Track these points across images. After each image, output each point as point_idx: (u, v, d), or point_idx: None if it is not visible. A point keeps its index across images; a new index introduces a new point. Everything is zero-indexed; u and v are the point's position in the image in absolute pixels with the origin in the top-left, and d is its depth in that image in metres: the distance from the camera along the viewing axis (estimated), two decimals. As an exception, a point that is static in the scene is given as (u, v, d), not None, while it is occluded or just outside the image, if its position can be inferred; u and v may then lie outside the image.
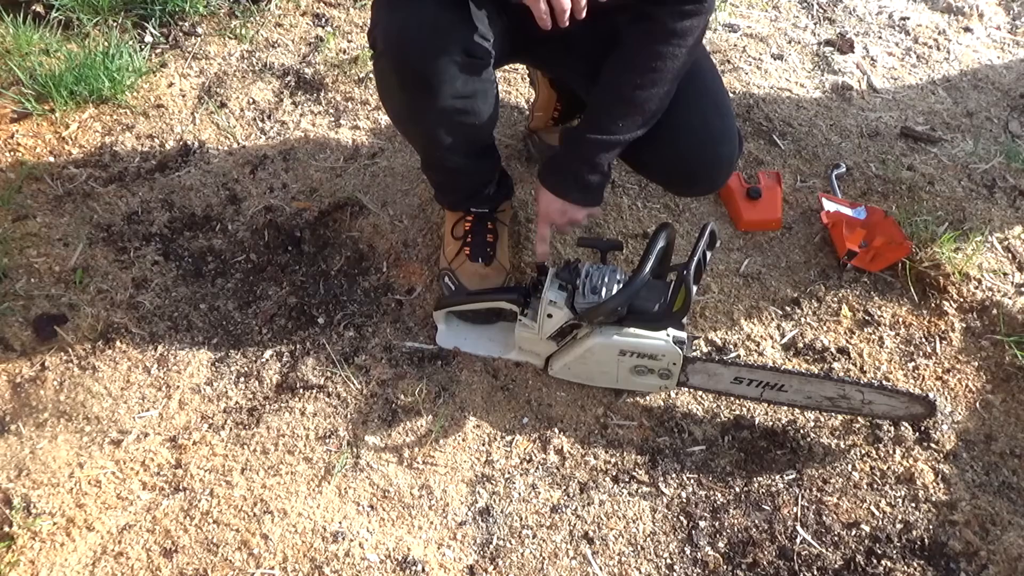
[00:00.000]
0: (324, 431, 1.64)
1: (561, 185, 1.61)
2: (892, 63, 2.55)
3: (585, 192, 1.61)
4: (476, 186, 1.79)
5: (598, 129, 1.54)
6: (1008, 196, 2.14)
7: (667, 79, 1.50)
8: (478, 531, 1.52)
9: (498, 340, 1.76)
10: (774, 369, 1.59)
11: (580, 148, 1.56)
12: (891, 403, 1.57)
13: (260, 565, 1.46)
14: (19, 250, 1.89)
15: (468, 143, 1.64)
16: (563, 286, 1.55)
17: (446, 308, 1.73)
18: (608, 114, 1.54)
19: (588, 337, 1.57)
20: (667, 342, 1.53)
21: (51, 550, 1.46)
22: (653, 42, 1.48)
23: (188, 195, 2.04)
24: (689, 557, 1.50)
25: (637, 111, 1.52)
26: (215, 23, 2.49)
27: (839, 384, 1.57)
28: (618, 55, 1.53)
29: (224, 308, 1.83)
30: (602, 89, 1.55)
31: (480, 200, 1.82)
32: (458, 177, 1.77)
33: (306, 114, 2.26)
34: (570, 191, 1.60)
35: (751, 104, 2.35)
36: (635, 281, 1.46)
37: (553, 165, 1.63)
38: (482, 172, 1.78)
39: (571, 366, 1.64)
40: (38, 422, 1.62)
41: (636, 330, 1.54)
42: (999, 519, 1.55)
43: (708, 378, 1.62)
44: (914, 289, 1.89)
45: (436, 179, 1.83)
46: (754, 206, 2.02)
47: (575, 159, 1.58)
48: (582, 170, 1.57)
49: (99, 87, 2.21)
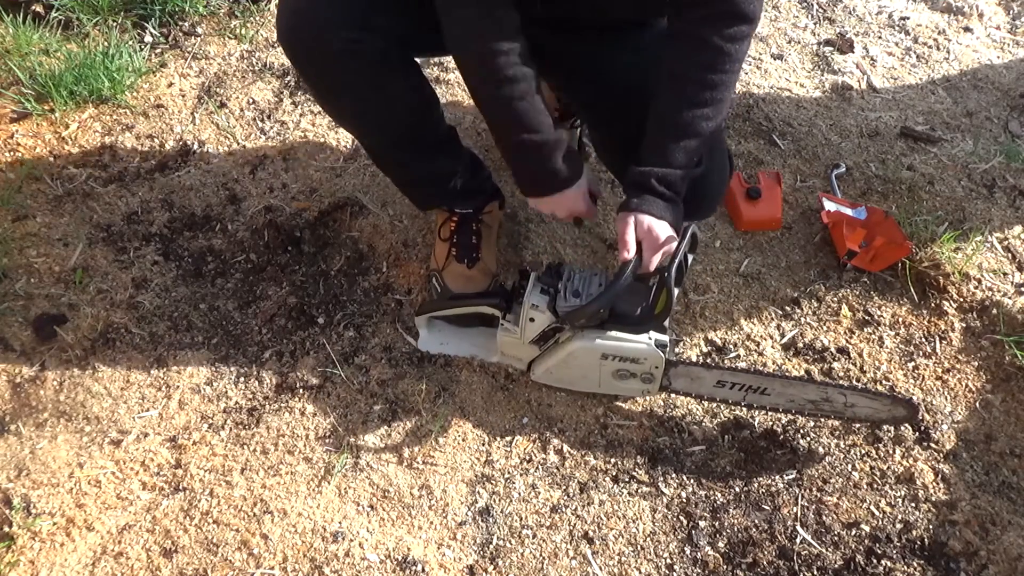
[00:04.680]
0: (324, 431, 1.64)
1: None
2: (892, 63, 2.55)
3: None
4: (434, 182, 1.72)
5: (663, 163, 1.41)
6: (1008, 196, 2.14)
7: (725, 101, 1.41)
8: (478, 531, 1.52)
9: (481, 344, 1.74)
10: (756, 372, 1.59)
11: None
12: (873, 405, 1.57)
13: (260, 565, 1.46)
14: (19, 250, 1.89)
15: (402, 133, 1.58)
16: (545, 290, 1.53)
17: (427, 313, 1.72)
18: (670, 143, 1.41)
19: (570, 341, 1.54)
20: (649, 345, 1.51)
21: (51, 550, 1.46)
22: (705, 68, 1.37)
23: (188, 195, 2.04)
24: (689, 557, 1.50)
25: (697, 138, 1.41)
26: (215, 23, 2.49)
27: (821, 387, 1.57)
28: (667, 84, 1.41)
29: (224, 308, 1.83)
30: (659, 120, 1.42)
31: (448, 197, 1.76)
32: (405, 171, 1.72)
33: (306, 114, 2.25)
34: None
35: (751, 104, 2.35)
36: (616, 284, 1.41)
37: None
38: (435, 167, 1.70)
39: (553, 370, 1.63)
40: (38, 422, 1.62)
41: (618, 333, 1.51)
42: (999, 519, 1.55)
43: (691, 382, 1.61)
44: (914, 289, 1.89)
45: (390, 176, 1.77)
46: (754, 206, 2.02)
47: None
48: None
49: (99, 87, 2.21)
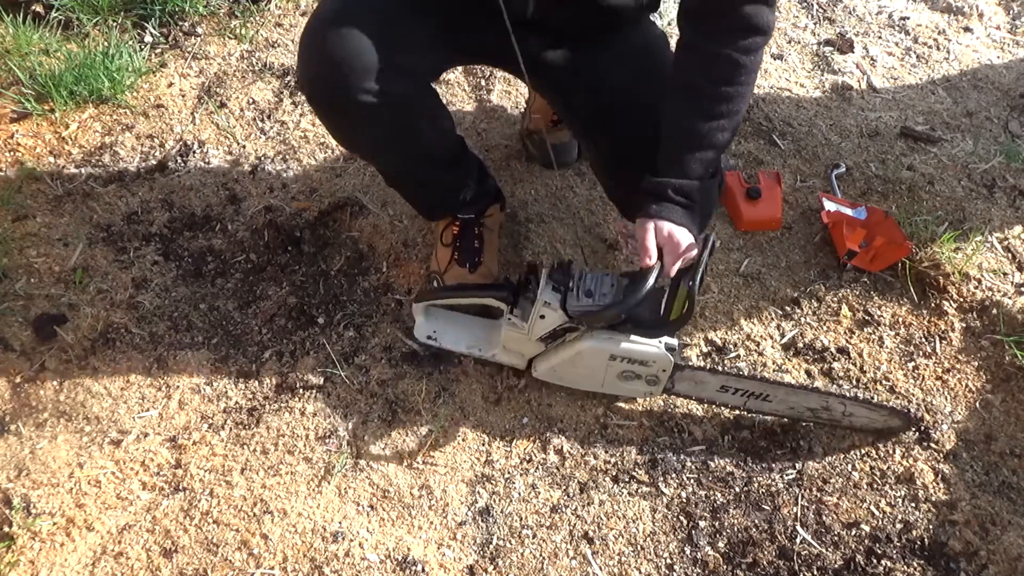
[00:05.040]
0: (324, 431, 1.64)
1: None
2: (892, 63, 2.55)
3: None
4: (446, 195, 1.74)
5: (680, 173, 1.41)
6: (1008, 196, 2.14)
7: (741, 110, 1.41)
8: (478, 531, 1.52)
9: (479, 337, 1.68)
10: (762, 379, 1.59)
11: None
12: (871, 416, 1.59)
13: (260, 565, 1.46)
14: (19, 250, 1.89)
15: (421, 160, 1.60)
16: (557, 287, 1.50)
17: (426, 302, 1.66)
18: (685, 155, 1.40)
19: (579, 340, 1.53)
20: (659, 348, 1.50)
21: (51, 550, 1.46)
22: (721, 81, 1.37)
23: (188, 195, 2.04)
24: (689, 557, 1.50)
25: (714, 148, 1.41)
26: (215, 23, 2.49)
27: (823, 396, 1.57)
28: (683, 96, 1.40)
29: (224, 308, 1.83)
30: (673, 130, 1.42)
31: (458, 206, 1.77)
32: (421, 190, 1.74)
33: (306, 114, 2.25)
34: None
35: (751, 104, 2.35)
36: (639, 289, 1.38)
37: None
38: (447, 182, 1.72)
39: (557, 368, 1.61)
40: (38, 422, 1.62)
41: (632, 336, 1.50)
42: (999, 519, 1.55)
43: (694, 386, 1.61)
44: (914, 289, 1.89)
45: (402, 194, 1.79)
46: (754, 206, 2.02)
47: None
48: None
49: (99, 87, 2.21)
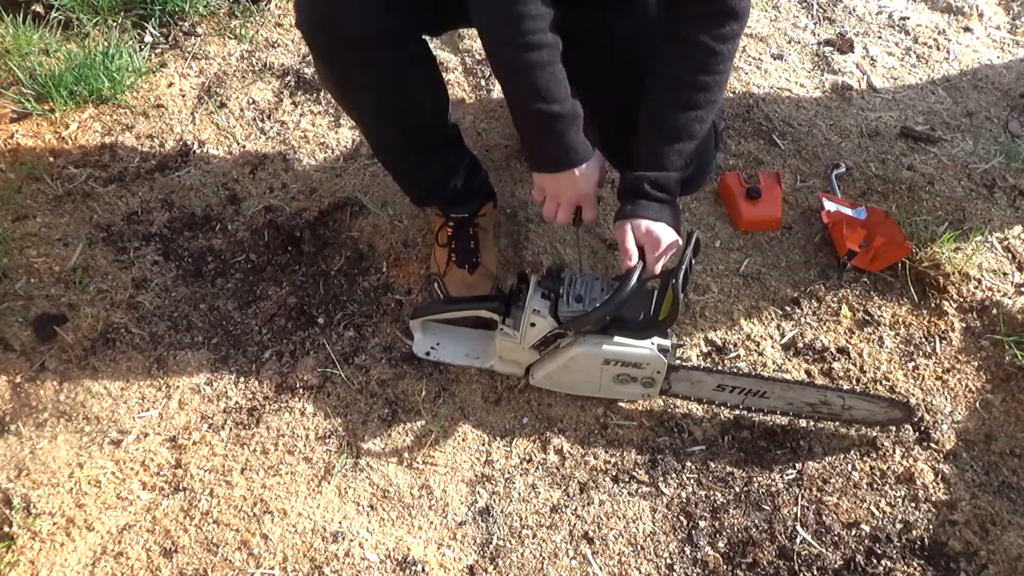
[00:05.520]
0: (324, 431, 1.64)
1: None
2: (892, 63, 2.55)
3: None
4: (436, 179, 1.73)
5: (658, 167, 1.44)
6: (1008, 196, 2.14)
7: (716, 101, 1.43)
8: (478, 531, 1.52)
9: (477, 349, 1.71)
10: (757, 376, 1.59)
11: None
12: (871, 408, 1.58)
13: (260, 565, 1.46)
14: (19, 250, 1.89)
15: (413, 130, 1.60)
16: (546, 294, 1.50)
17: (422, 317, 1.69)
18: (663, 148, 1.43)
19: (572, 346, 1.53)
20: (652, 351, 1.50)
21: (51, 550, 1.46)
22: (698, 70, 1.39)
23: (188, 195, 2.04)
24: (689, 557, 1.50)
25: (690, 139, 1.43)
26: (215, 23, 2.49)
27: (821, 390, 1.57)
28: (660, 86, 1.42)
29: (224, 308, 1.83)
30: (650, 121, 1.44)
31: (448, 195, 1.76)
32: (413, 170, 1.73)
33: (306, 114, 2.25)
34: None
35: (751, 104, 2.35)
36: (622, 291, 1.39)
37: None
38: (439, 165, 1.71)
39: (553, 375, 1.62)
40: (38, 422, 1.62)
41: (621, 339, 1.50)
42: (999, 519, 1.55)
43: (691, 386, 1.61)
44: (914, 289, 1.89)
45: (393, 173, 1.79)
46: (754, 206, 2.02)
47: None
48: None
49: (99, 87, 2.21)
